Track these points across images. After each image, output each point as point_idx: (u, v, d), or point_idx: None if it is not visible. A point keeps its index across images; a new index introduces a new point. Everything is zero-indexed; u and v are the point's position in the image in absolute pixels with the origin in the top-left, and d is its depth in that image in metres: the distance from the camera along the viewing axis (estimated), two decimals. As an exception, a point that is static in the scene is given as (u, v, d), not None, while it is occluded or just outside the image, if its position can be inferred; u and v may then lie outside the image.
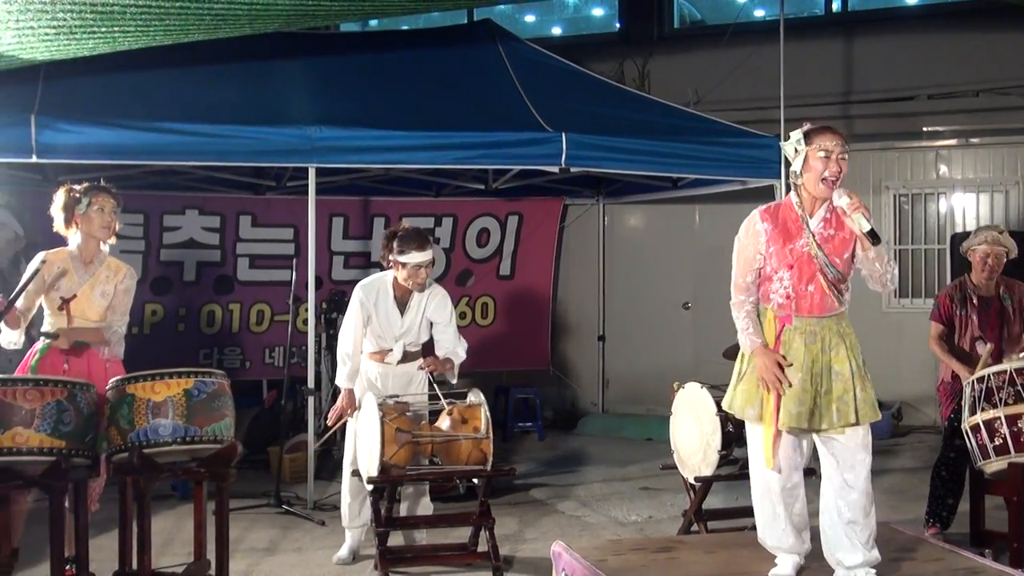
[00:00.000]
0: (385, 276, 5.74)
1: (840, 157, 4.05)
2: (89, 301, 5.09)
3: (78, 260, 5.14)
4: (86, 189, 5.15)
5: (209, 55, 7.08)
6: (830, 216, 4.12)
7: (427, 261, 5.60)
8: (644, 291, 10.68)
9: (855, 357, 4.17)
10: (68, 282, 5.08)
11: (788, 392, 4.07)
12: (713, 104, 9.98)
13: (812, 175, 4.07)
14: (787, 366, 4.09)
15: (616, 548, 4.81)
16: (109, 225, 5.16)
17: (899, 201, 10.27)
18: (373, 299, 5.67)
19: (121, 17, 4.78)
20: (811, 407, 4.08)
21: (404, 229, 5.66)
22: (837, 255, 4.10)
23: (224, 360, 9.25)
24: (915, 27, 10.60)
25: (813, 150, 4.06)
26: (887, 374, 9.86)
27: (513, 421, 9.85)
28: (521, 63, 8.47)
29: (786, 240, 4.12)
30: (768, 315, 4.20)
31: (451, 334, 5.79)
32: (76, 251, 5.15)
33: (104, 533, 5.59)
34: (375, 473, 5.25)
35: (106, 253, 5.25)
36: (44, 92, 6.67)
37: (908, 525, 5.13)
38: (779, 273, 4.14)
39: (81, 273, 5.12)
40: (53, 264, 5.08)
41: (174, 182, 8.72)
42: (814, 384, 4.09)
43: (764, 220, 4.18)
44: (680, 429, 5.90)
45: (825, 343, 4.13)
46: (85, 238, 5.15)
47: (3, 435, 4.23)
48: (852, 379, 4.13)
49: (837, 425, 4.10)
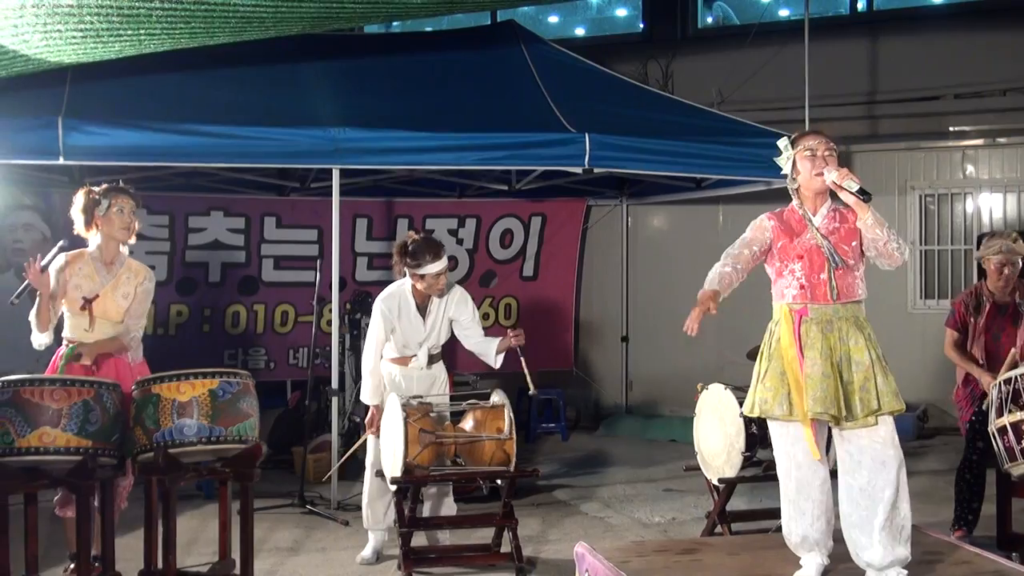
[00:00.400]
0: (404, 285, 5.74)
1: (826, 154, 4.16)
2: (111, 302, 5.09)
3: (99, 261, 5.13)
4: (105, 191, 5.14)
5: (234, 57, 7.12)
6: (834, 213, 4.23)
7: (444, 269, 5.61)
8: (668, 292, 10.63)
9: (874, 347, 4.18)
10: (90, 283, 5.05)
11: (810, 379, 4.08)
12: (737, 104, 9.95)
13: (805, 176, 4.20)
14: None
15: (639, 550, 4.80)
16: (129, 226, 5.14)
17: (925, 201, 10.20)
18: (396, 310, 5.68)
19: (147, 20, 4.81)
20: (835, 394, 4.07)
21: (414, 241, 5.62)
22: (845, 243, 4.17)
23: (249, 361, 9.30)
24: (941, 26, 10.53)
25: (800, 151, 4.20)
26: (912, 375, 9.80)
27: (536, 422, 9.85)
28: (544, 64, 8.47)
29: (792, 235, 4.22)
30: (784, 311, 4.21)
31: (477, 330, 5.81)
32: (97, 252, 5.14)
33: (130, 532, 5.62)
34: (399, 474, 5.26)
35: (126, 255, 5.24)
36: (71, 94, 6.72)
37: (935, 528, 5.09)
38: (790, 266, 4.21)
39: (103, 274, 5.11)
40: (74, 264, 5.08)
41: (199, 184, 8.77)
42: (835, 371, 4.10)
43: (771, 219, 4.30)
44: (704, 430, 5.88)
45: (842, 332, 4.15)
46: (106, 239, 5.14)
47: (31, 434, 4.28)
48: (872, 367, 4.14)
49: (861, 416, 4.09)
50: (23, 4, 4.45)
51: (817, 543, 4.23)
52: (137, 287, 5.17)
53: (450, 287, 5.80)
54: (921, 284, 10.15)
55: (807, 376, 4.08)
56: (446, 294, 5.75)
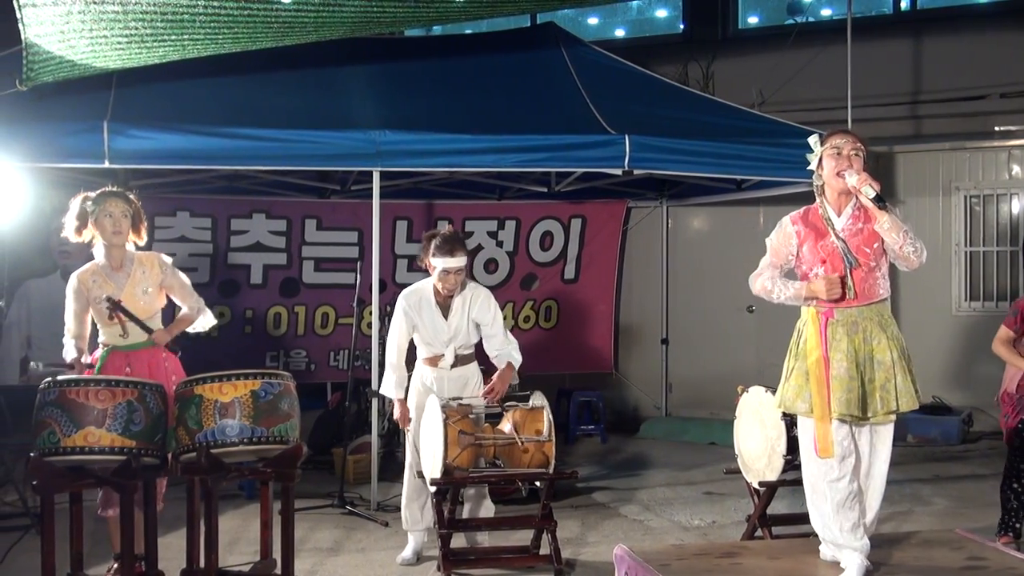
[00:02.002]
0: (426, 283, 5.78)
1: (852, 153, 4.23)
2: (133, 302, 5.10)
3: (108, 268, 5.15)
4: (96, 196, 5.14)
5: (275, 61, 7.19)
6: (859, 212, 4.29)
7: (456, 267, 5.60)
8: (708, 294, 10.60)
9: (896, 345, 4.28)
10: (107, 290, 5.08)
11: (836, 382, 4.21)
12: (778, 105, 9.89)
13: (827, 173, 4.28)
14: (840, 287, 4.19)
15: (679, 553, 4.78)
16: (119, 230, 5.11)
17: (970, 202, 10.06)
18: (416, 307, 5.71)
19: (191, 26, 4.87)
20: (859, 395, 4.22)
21: (440, 234, 5.66)
22: (867, 245, 4.24)
23: (290, 362, 9.37)
24: (986, 24, 10.40)
25: (826, 149, 4.28)
26: (957, 379, 9.70)
27: (575, 424, 9.83)
28: (584, 66, 8.46)
29: (816, 238, 4.30)
30: (811, 313, 4.33)
31: (499, 334, 5.77)
32: (104, 261, 5.15)
33: (172, 532, 5.69)
34: (438, 475, 5.28)
35: (133, 252, 5.24)
36: (116, 99, 6.80)
37: (978, 533, 5.02)
38: (814, 270, 4.31)
39: (116, 279, 5.13)
40: (86, 281, 5.12)
41: (241, 186, 8.84)
42: (859, 372, 4.23)
43: (795, 223, 4.39)
44: (744, 433, 5.84)
45: (867, 333, 4.26)
46: (106, 246, 5.15)
47: (76, 434, 4.33)
48: (893, 367, 4.25)
49: (881, 412, 4.25)
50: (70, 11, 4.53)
51: (836, 542, 4.29)
52: (161, 280, 5.22)
53: (473, 288, 5.81)
54: (966, 286, 10.02)
55: (834, 378, 4.22)
56: (469, 292, 5.75)
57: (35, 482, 4.46)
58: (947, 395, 9.70)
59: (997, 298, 9.87)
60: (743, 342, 10.34)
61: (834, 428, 4.22)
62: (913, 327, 8.90)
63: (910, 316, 9.10)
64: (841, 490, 4.23)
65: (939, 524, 6.42)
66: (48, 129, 6.38)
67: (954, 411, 9.61)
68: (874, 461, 4.37)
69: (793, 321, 4.43)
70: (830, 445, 4.22)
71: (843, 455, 4.25)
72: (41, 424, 4.39)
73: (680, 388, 10.68)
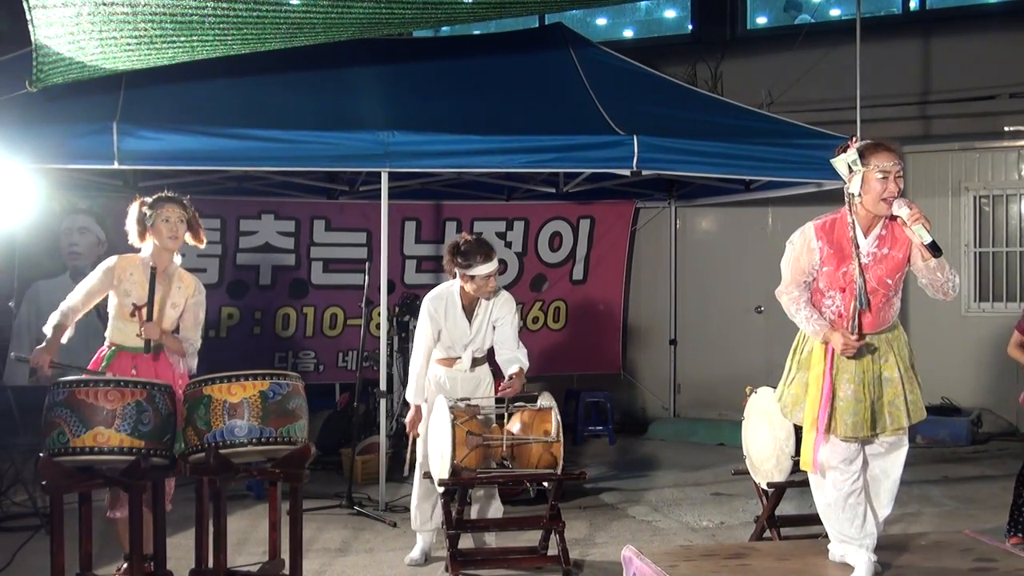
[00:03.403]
0: (452, 286, 5.76)
1: (898, 176, 4.06)
2: (162, 312, 5.10)
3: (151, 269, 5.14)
4: (153, 201, 5.14)
5: (285, 62, 7.20)
6: (886, 233, 4.16)
7: (495, 271, 5.61)
8: (716, 295, 10.59)
9: (902, 361, 4.26)
10: (140, 290, 5.06)
11: (842, 404, 4.18)
12: (787, 106, 9.87)
13: (871, 197, 4.07)
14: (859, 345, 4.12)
15: (687, 554, 4.77)
16: (176, 234, 5.12)
17: (979, 202, 10.04)
18: (443, 311, 5.70)
19: (200, 27, 4.88)
20: (865, 416, 4.19)
21: (466, 241, 5.63)
22: (889, 276, 4.16)
23: (298, 363, 9.39)
24: (995, 24, 10.37)
25: (871, 171, 4.06)
26: (966, 380, 9.68)
27: (584, 425, 9.84)
28: (592, 66, 8.46)
29: (839, 262, 4.16)
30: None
31: (511, 334, 5.75)
32: (149, 260, 5.13)
33: (180, 532, 5.70)
34: (446, 475, 5.28)
35: (178, 265, 5.25)
36: (125, 100, 6.82)
37: (988, 535, 5.01)
38: (830, 293, 4.23)
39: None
40: (125, 269, 5.11)
41: (250, 187, 8.87)
42: (867, 393, 4.20)
43: (819, 238, 4.19)
44: (752, 434, 5.83)
45: (875, 354, 4.22)
46: (157, 249, 5.13)
47: (85, 435, 4.34)
48: (901, 383, 4.23)
49: (890, 428, 4.24)
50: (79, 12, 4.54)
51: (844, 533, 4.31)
52: (188, 299, 5.19)
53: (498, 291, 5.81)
54: (976, 287, 10.00)
55: (840, 399, 4.18)
56: (494, 297, 5.75)
57: (44, 482, 4.47)
58: (956, 396, 9.68)
59: (1007, 299, 9.85)
60: (751, 343, 10.32)
61: (841, 448, 4.22)
62: (922, 328, 8.89)
63: (919, 317, 9.07)
64: (845, 487, 4.24)
65: (948, 525, 6.40)
66: (58, 130, 6.40)
67: (963, 412, 9.59)
68: (889, 466, 4.38)
69: (800, 322, 4.41)
70: (811, 462, 4.22)
71: (849, 459, 4.24)
72: (50, 424, 4.40)
73: (688, 389, 10.67)
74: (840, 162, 4.15)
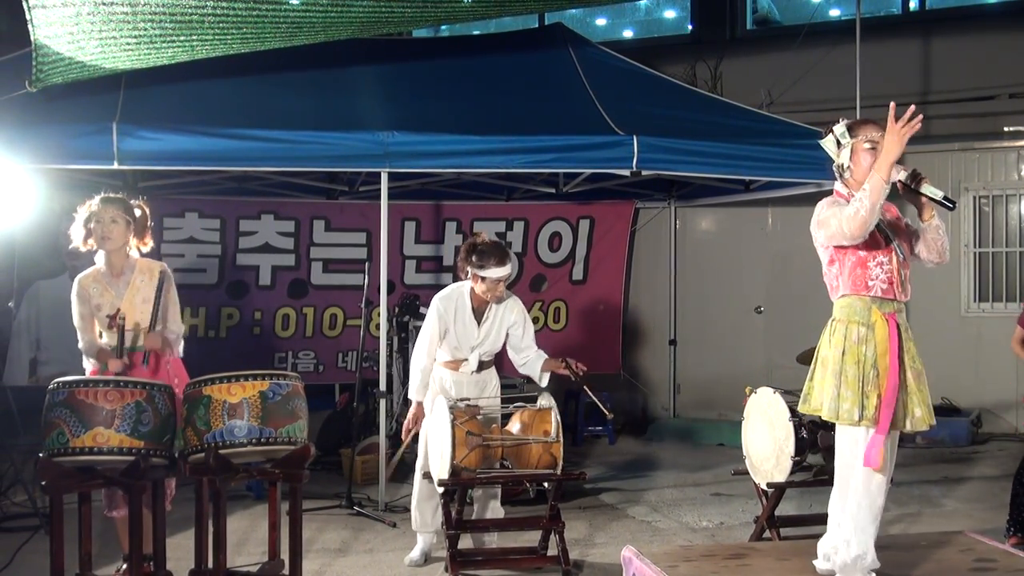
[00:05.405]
0: (462, 287, 5.75)
1: None
2: (134, 309, 5.04)
3: (108, 275, 5.07)
4: (93, 202, 5.08)
5: (284, 62, 7.20)
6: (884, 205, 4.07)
7: (507, 276, 5.62)
8: (716, 295, 10.59)
9: (918, 354, 4.08)
10: (107, 298, 5.02)
11: (905, 390, 3.96)
12: (787, 106, 9.88)
13: (862, 168, 3.99)
14: None
15: (687, 554, 4.77)
16: (107, 235, 5.01)
17: (979, 203, 10.04)
18: (452, 311, 5.69)
19: (200, 26, 4.88)
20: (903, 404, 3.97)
21: (484, 243, 5.63)
22: (903, 241, 4.10)
23: (298, 364, 9.38)
24: (995, 25, 10.38)
25: (859, 141, 4.02)
26: (966, 380, 9.67)
27: (583, 425, 9.84)
28: (592, 66, 8.46)
29: None
30: (876, 315, 3.96)
31: (531, 333, 5.81)
32: (104, 267, 5.08)
33: (180, 532, 5.70)
34: (446, 476, 5.28)
35: (135, 259, 5.15)
36: (125, 100, 6.82)
37: (988, 535, 5.00)
38: (878, 257, 3.99)
39: (117, 287, 5.06)
40: (87, 287, 5.05)
41: (250, 187, 8.86)
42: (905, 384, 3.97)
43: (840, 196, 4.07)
44: (752, 434, 5.83)
45: (908, 335, 4.05)
46: (105, 252, 5.06)
47: (85, 435, 4.34)
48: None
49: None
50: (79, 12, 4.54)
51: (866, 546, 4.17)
52: (157, 288, 5.07)
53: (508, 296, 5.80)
54: (975, 287, 10.00)
55: (906, 387, 3.95)
56: (503, 302, 5.74)
57: (44, 482, 4.47)
58: (956, 396, 9.67)
59: (1007, 299, 9.85)
60: (751, 343, 10.32)
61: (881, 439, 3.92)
62: (922, 328, 8.81)
63: (919, 317, 9.04)
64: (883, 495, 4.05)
65: (948, 526, 6.39)
66: (57, 130, 6.40)
67: (963, 412, 9.59)
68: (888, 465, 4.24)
69: (800, 322, 4.37)
70: (876, 457, 3.89)
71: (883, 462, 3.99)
72: (50, 425, 4.40)
73: (688, 389, 10.67)
74: (829, 140, 4.11)
